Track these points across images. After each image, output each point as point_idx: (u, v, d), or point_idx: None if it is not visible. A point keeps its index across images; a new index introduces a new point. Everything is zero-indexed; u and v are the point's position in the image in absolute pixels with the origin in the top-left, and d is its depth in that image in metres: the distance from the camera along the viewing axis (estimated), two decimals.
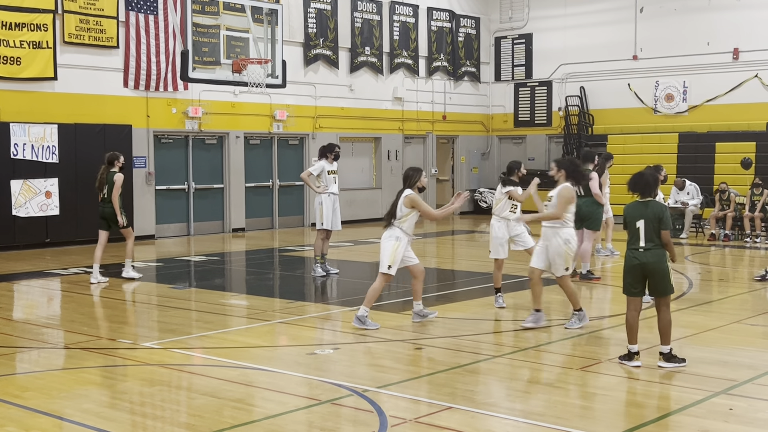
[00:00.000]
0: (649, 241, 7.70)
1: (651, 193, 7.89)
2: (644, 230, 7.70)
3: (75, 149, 18.07)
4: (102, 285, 12.98)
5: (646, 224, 7.70)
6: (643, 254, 7.72)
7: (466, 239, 20.86)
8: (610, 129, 25.40)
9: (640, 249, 7.73)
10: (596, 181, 12.91)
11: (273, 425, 6.23)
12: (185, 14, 15.98)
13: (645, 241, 7.71)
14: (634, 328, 7.88)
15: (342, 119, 23.58)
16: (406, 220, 9.73)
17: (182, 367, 8.04)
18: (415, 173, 9.97)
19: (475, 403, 6.75)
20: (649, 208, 7.75)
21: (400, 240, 9.64)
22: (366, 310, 9.60)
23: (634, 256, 7.78)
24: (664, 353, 7.81)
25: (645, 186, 7.89)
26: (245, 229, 21.55)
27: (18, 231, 17.35)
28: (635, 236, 7.77)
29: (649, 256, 7.69)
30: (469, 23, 27.35)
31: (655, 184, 7.96)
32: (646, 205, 7.80)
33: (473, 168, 27.77)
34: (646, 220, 7.71)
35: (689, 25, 24.05)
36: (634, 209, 7.86)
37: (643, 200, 7.85)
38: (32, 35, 17.43)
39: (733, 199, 19.10)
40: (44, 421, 6.35)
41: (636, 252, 7.76)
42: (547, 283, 12.94)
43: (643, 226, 7.71)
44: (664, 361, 7.79)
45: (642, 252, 7.73)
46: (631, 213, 7.85)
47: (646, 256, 7.70)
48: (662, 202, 8.70)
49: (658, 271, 7.69)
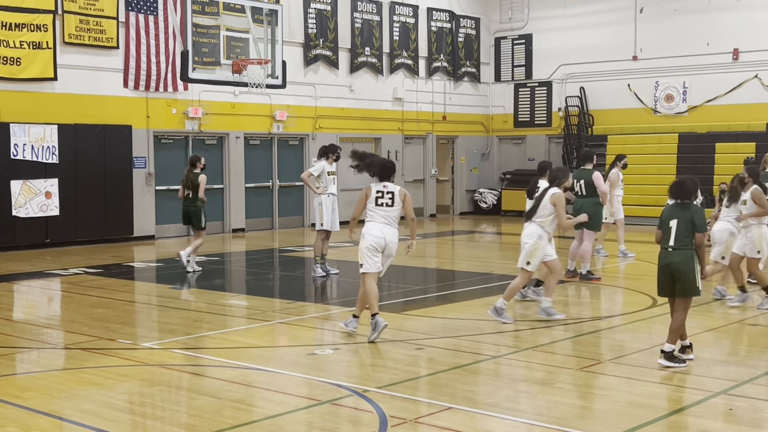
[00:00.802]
0: (678, 241, 7.88)
1: (690, 199, 8.07)
2: (675, 230, 7.90)
3: (75, 150, 18.07)
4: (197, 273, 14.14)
5: (679, 225, 7.90)
6: (671, 254, 7.90)
7: (466, 239, 20.87)
8: (610, 129, 25.40)
9: (669, 248, 7.93)
10: (600, 179, 12.91)
11: (273, 425, 6.23)
12: (185, 14, 15.99)
13: (674, 240, 7.90)
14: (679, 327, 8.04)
15: (342, 120, 23.59)
16: (548, 219, 9.77)
17: (182, 367, 8.04)
18: (563, 174, 10.02)
19: (475, 403, 6.75)
20: (685, 210, 7.96)
21: (542, 238, 9.78)
22: (504, 303, 9.81)
23: (662, 256, 7.98)
24: (666, 351, 7.85)
25: (686, 193, 8.06)
26: (245, 230, 21.55)
27: (18, 231, 17.35)
28: (667, 236, 7.97)
29: (676, 255, 7.86)
30: (469, 24, 27.36)
31: (694, 190, 8.16)
32: (684, 207, 8.01)
33: (473, 168, 27.77)
34: (679, 221, 7.91)
35: (689, 25, 24.05)
36: (670, 210, 8.09)
37: (682, 202, 8.05)
38: (32, 36, 17.44)
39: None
40: (44, 421, 6.35)
41: (665, 251, 7.96)
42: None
43: (675, 227, 7.92)
44: (665, 359, 7.82)
45: (670, 252, 7.91)
46: (667, 214, 8.08)
47: (673, 256, 7.87)
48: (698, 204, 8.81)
49: (683, 271, 7.82)
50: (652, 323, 10.02)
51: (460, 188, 27.52)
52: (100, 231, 18.63)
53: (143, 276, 14.50)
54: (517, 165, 27.52)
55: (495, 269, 14.76)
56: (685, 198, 8.05)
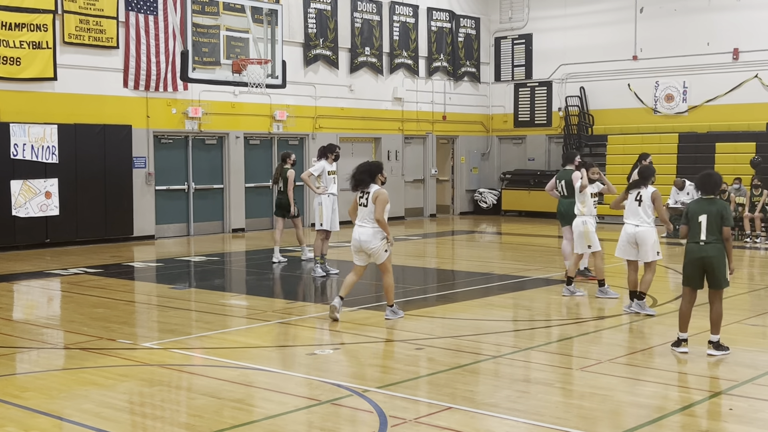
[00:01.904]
0: (710, 235, 8.16)
1: (715, 192, 8.36)
2: (706, 225, 8.17)
3: (75, 149, 18.07)
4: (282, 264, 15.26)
5: (709, 219, 8.17)
6: (704, 247, 8.17)
7: (466, 239, 20.87)
8: (610, 129, 25.40)
9: (701, 242, 8.19)
10: (578, 177, 12.91)
11: (273, 425, 6.23)
12: (185, 14, 15.98)
13: (706, 234, 8.17)
14: (686, 318, 8.38)
15: (342, 119, 23.58)
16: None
17: (182, 367, 8.03)
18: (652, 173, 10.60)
19: (475, 403, 6.75)
20: (713, 205, 8.23)
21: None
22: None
23: (695, 249, 8.22)
24: (713, 342, 8.26)
25: (713, 186, 8.37)
26: (245, 230, 21.55)
27: (18, 231, 17.35)
28: (697, 230, 8.22)
29: (709, 249, 8.15)
30: (469, 23, 27.35)
31: (720, 184, 8.46)
32: (711, 202, 8.29)
33: (473, 168, 27.77)
34: (708, 215, 8.18)
35: (689, 25, 24.05)
36: (697, 205, 8.38)
37: (707, 197, 8.32)
38: (32, 35, 17.43)
39: (732, 200, 19.09)
40: (44, 421, 6.35)
41: (697, 245, 8.21)
42: (548, 284, 12.96)
43: (705, 221, 8.17)
44: (714, 350, 8.24)
45: (703, 245, 8.18)
46: (695, 209, 8.33)
47: (707, 250, 8.15)
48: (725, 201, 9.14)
49: (716, 265, 8.14)
50: (653, 323, 10.02)
51: (460, 188, 27.51)
52: (100, 231, 18.63)
53: (143, 276, 14.50)
54: (517, 165, 27.52)
55: (495, 269, 14.77)
56: (711, 191, 8.33)
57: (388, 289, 10.11)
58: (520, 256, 17.14)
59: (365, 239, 9.87)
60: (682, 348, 8.32)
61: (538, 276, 13.65)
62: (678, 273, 14.21)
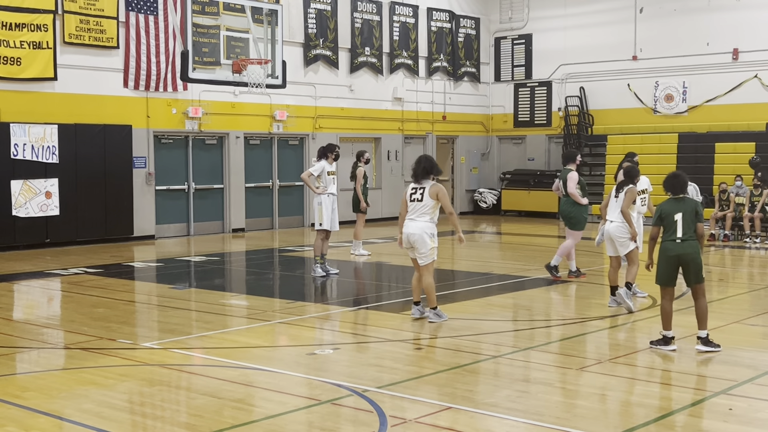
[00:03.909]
0: (685, 233, 8.30)
1: (684, 191, 8.54)
2: (682, 223, 8.31)
3: (75, 149, 18.07)
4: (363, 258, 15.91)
5: (684, 217, 8.31)
6: (680, 245, 8.30)
7: (466, 239, 20.83)
8: (609, 129, 25.40)
9: (678, 240, 8.31)
10: (574, 181, 12.94)
11: (273, 425, 6.23)
12: (185, 14, 15.98)
13: (683, 232, 8.31)
14: (668, 316, 8.46)
15: (342, 119, 23.59)
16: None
17: (182, 367, 8.04)
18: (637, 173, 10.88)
19: (475, 403, 6.75)
20: (686, 203, 8.41)
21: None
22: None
23: (671, 247, 8.34)
24: (701, 338, 8.35)
25: (682, 185, 8.53)
26: (245, 230, 21.55)
27: (18, 231, 17.35)
28: (672, 229, 8.35)
29: (686, 246, 8.29)
30: (469, 23, 27.35)
31: (686, 183, 8.62)
32: (682, 200, 8.45)
33: (473, 168, 27.78)
34: (684, 213, 8.33)
35: (689, 25, 24.05)
36: (670, 205, 8.48)
37: (676, 197, 8.49)
38: (32, 35, 17.44)
39: (732, 200, 19.10)
40: (44, 421, 6.35)
41: (673, 243, 8.33)
42: (548, 284, 12.97)
43: (681, 219, 8.31)
44: (702, 345, 8.32)
45: (679, 243, 8.31)
46: (668, 209, 8.46)
47: (684, 247, 8.29)
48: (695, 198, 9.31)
49: (693, 261, 8.26)
50: (652, 323, 10.02)
51: (460, 188, 27.52)
52: (100, 231, 18.64)
53: (143, 276, 14.51)
54: (517, 165, 27.52)
55: (495, 269, 14.77)
56: (681, 191, 8.50)
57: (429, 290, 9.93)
58: (519, 256, 17.14)
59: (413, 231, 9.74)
60: (670, 346, 8.39)
61: (538, 276, 13.65)
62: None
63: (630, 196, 10.43)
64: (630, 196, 10.43)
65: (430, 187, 9.73)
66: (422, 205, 9.71)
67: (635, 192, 10.59)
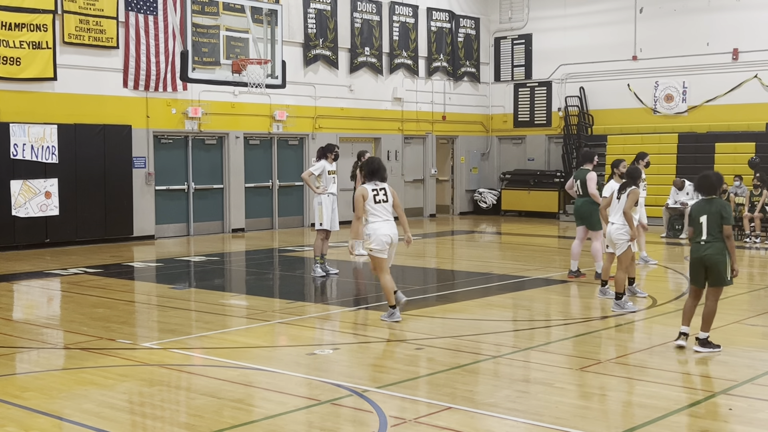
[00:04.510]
0: (709, 235, 8.34)
1: (715, 193, 8.51)
2: (706, 225, 8.36)
3: (75, 149, 18.07)
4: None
5: (709, 219, 8.35)
6: (703, 246, 8.36)
7: (465, 239, 20.87)
8: (609, 129, 25.40)
9: (701, 242, 8.38)
10: (594, 181, 12.85)
11: (273, 425, 6.23)
12: (185, 14, 15.97)
13: (706, 234, 8.35)
14: (688, 313, 8.53)
15: (342, 119, 23.58)
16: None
17: (182, 367, 8.03)
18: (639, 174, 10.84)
19: (475, 403, 6.75)
20: (712, 205, 8.40)
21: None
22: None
23: (696, 249, 8.43)
24: (700, 339, 8.37)
25: (709, 187, 8.51)
26: (245, 230, 21.55)
27: (18, 231, 17.34)
28: (698, 231, 8.42)
29: (708, 248, 8.32)
30: (469, 24, 27.35)
31: (718, 184, 8.60)
32: (710, 202, 8.45)
33: (473, 168, 27.77)
34: (708, 215, 8.36)
35: (689, 25, 24.05)
36: (697, 206, 8.53)
37: (708, 198, 8.50)
38: (32, 35, 17.43)
39: (732, 200, 19.10)
40: (44, 421, 6.35)
41: (698, 245, 8.41)
42: (548, 284, 12.97)
43: (705, 221, 8.36)
44: (700, 346, 8.34)
45: (703, 244, 8.36)
46: (695, 210, 8.53)
47: (706, 249, 8.34)
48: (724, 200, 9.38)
49: (715, 263, 8.29)
50: (652, 323, 10.03)
51: (460, 188, 27.52)
52: (100, 231, 18.63)
53: (143, 276, 14.50)
54: (516, 165, 27.52)
55: (494, 269, 14.77)
56: (708, 192, 8.50)
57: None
58: (519, 256, 17.14)
59: (395, 233, 9.94)
60: (680, 341, 8.45)
61: (538, 276, 13.65)
62: (677, 273, 14.26)
63: (633, 197, 10.36)
64: (633, 197, 10.36)
65: (388, 187, 10.03)
66: (389, 204, 9.95)
67: (638, 193, 10.51)
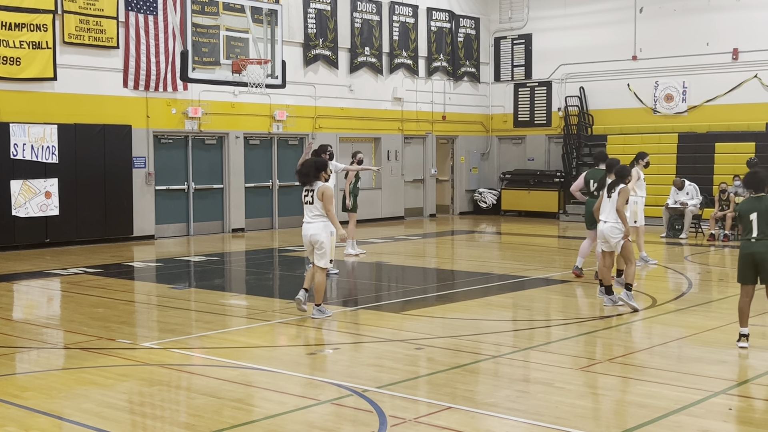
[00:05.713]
0: (761, 232, 8.29)
1: (764, 190, 8.45)
2: (757, 222, 8.31)
3: (75, 149, 18.07)
4: (354, 257, 15.71)
5: (759, 217, 8.30)
6: (754, 244, 8.32)
7: (465, 239, 20.87)
8: (609, 129, 25.40)
9: (752, 239, 8.34)
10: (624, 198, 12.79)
11: (273, 425, 6.23)
12: (185, 14, 15.97)
13: (757, 232, 8.30)
14: (744, 313, 8.49)
15: (342, 119, 23.58)
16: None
17: (182, 367, 8.04)
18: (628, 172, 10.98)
19: (475, 403, 6.75)
20: (762, 202, 8.35)
21: None
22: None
23: (746, 246, 8.38)
24: (744, 335, 8.44)
25: (759, 183, 8.46)
26: (245, 230, 21.55)
27: (18, 231, 17.34)
28: (748, 228, 8.37)
29: (760, 246, 8.31)
30: (469, 23, 27.35)
31: (763, 181, 8.50)
32: (759, 199, 8.40)
33: (473, 168, 27.77)
34: (759, 213, 8.31)
35: (689, 25, 24.05)
36: (747, 204, 8.49)
37: (757, 195, 8.44)
38: (32, 35, 17.43)
39: (732, 200, 19.09)
40: (44, 421, 6.35)
41: (748, 242, 8.37)
42: (548, 283, 12.97)
43: (756, 219, 8.32)
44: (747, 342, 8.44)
45: (754, 242, 8.32)
46: (745, 207, 8.47)
47: (757, 246, 8.30)
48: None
49: (766, 260, 8.24)
50: (652, 323, 10.03)
51: (460, 188, 27.52)
52: (99, 231, 18.63)
53: (143, 276, 14.51)
54: (516, 165, 27.52)
55: (495, 269, 14.77)
56: (758, 189, 8.44)
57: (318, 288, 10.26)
58: (519, 256, 17.14)
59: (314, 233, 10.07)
60: (741, 343, 8.46)
61: (538, 276, 13.66)
62: (677, 273, 14.26)
63: (624, 195, 10.53)
64: (624, 195, 10.53)
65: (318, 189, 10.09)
66: (313, 207, 10.10)
67: (628, 191, 10.71)
